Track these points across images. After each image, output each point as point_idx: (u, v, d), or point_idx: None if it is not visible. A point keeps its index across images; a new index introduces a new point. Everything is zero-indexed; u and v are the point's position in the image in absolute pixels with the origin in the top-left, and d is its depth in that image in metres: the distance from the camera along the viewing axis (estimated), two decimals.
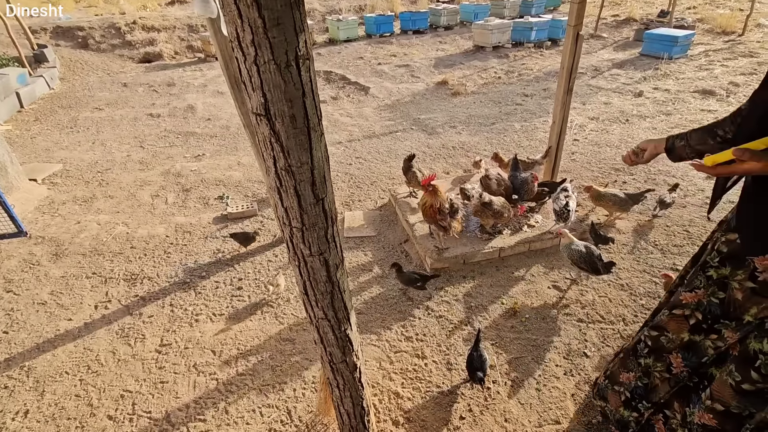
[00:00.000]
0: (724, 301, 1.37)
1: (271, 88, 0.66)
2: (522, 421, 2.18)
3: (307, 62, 0.68)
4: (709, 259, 1.41)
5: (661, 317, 1.58)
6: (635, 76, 7.43)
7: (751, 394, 1.30)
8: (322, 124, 0.78)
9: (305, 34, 0.66)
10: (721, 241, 1.37)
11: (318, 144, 0.77)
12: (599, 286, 2.98)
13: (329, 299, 0.99)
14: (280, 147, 0.72)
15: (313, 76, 0.71)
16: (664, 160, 4.52)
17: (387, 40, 11.10)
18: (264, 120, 0.70)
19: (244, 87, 0.69)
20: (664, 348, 1.59)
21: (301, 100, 0.69)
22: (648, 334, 1.63)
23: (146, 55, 10.42)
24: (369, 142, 5.68)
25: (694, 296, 1.45)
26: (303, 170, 0.76)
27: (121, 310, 3.08)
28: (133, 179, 4.97)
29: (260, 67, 0.64)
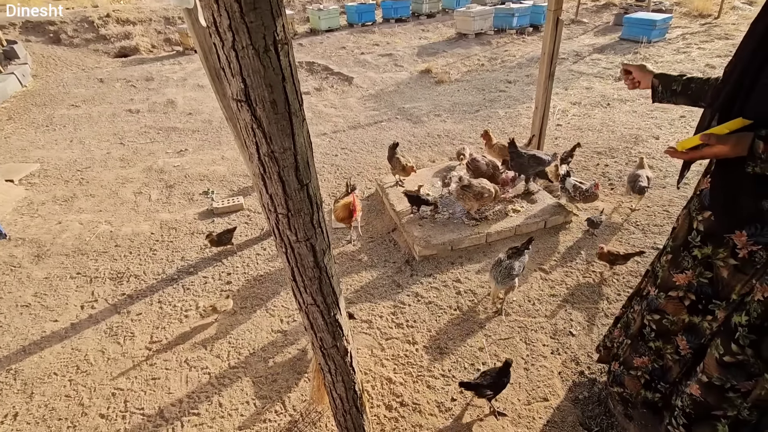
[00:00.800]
0: (713, 280, 1.40)
1: (250, 74, 0.66)
2: (512, 400, 2.24)
3: (286, 47, 0.68)
4: (691, 239, 1.43)
5: (659, 300, 1.59)
6: (615, 60, 7.52)
7: (732, 366, 1.33)
8: (303, 110, 0.78)
9: (282, 19, 0.66)
10: (698, 219, 1.40)
11: (300, 129, 0.77)
12: (583, 267, 3.05)
13: (317, 285, 1.00)
14: (262, 133, 0.73)
15: (292, 61, 0.71)
16: (645, 143, 4.62)
17: (369, 29, 11.00)
18: (245, 106, 0.70)
19: (223, 73, 0.69)
20: (669, 330, 1.60)
21: (281, 85, 0.69)
22: (651, 318, 1.65)
23: (122, 50, 10.13)
24: (354, 133, 5.66)
25: (685, 277, 1.48)
26: (286, 156, 0.77)
27: (108, 309, 3.04)
28: (115, 177, 4.87)
29: (239, 53, 0.64)
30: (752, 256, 1.27)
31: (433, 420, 2.17)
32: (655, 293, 1.62)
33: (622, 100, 5.89)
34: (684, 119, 5.11)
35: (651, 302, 1.64)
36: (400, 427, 2.16)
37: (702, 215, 1.39)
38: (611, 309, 2.70)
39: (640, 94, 6.00)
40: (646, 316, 1.69)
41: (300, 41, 10.27)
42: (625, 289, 2.84)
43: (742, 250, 1.28)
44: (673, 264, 1.52)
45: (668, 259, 1.55)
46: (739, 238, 1.28)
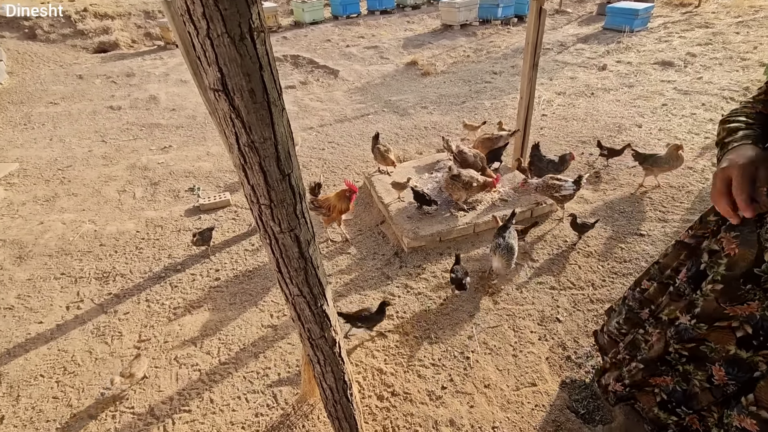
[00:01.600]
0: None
1: (226, 62, 0.65)
2: (501, 386, 2.28)
3: (262, 35, 0.67)
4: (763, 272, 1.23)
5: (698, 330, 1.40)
6: (599, 50, 7.59)
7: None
8: (282, 99, 0.78)
9: (258, 6, 0.65)
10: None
11: (280, 119, 0.77)
12: (570, 255, 3.10)
13: (303, 275, 1.00)
14: (241, 123, 0.72)
15: (269, 49, 0.71)
16: (628, 131, 4.69)
17: (354, 21, 10.90)
18: (222, 96, 0.70)
19: (199, 63, 0.68)
20: (707, 357, 1.43)
21: (258, 73, 0.69)
22: (682, 347, 1.47)
23: (101, 45, 9.88)
24: (341, 126, 5.63)
25: (746, 309, 1.29)
26: (267, 146, 0.76)
27: (94, 309, 3.00)
28: (97, 175, 4.78)
29: (214, 41, 0.63)
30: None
31: (424, 408, 2.20)
32: (690, 323, 1.41)
33: (606, 89, 5.96)
34: (666, 107, 5.20)
35: (684, 332, 1.44)
36: (391, 416, 2.18)
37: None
38: (596, 294, 2.76)
39: (623, 83, 6.08)
40: (674, 345, 1.49)
41: (284, 34, 10.14)
42: (609, 275, 2.90)
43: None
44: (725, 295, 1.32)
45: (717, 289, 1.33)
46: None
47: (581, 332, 2.53)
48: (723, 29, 7.58)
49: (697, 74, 6.04)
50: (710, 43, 7.11)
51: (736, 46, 6.80)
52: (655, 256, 2.99)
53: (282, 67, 8.10)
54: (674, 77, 6.07)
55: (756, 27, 7.44)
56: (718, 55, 6.56)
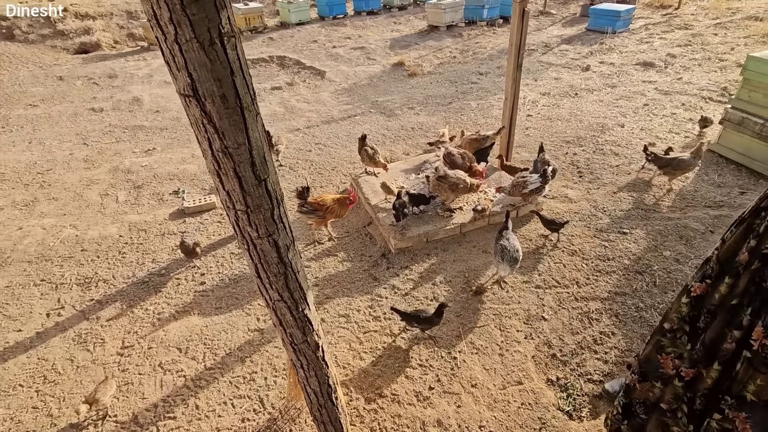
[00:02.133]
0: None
1: (196, 68, 0.64)
2: (487, 385, 2.29)
3: (233, 40, 0.67)
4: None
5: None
6: (583, 50, 7.69)
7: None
8: (257, 104, 0.77)
9: (228, 11, 0.65)
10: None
11: (254, 124, 0.76)
12: (554, 254, 3.14)
13: (283, 280, 1.00)
14: (213, 128, 0.71)
15: (241, 54, 0.70)
16: (611, 131, 4.76)
17: (341, 22, 10.87)
18: (193, 101, 0.69)
19: (168, 68, 0.67)
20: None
21: (230, 78, 0.68)
22: None
23: (82, 46, 9.69)
24: (328, 128, 5.61)
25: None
26: (241, 151, 0.75)
27: (76, 315, 2.94)
28: (79, 179, 4.68)
29: (182, 46, 0.62)
30: None
31: (412, 409, 2.20)
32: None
33: (589, 90, 6.05)
34: (647, 107, 5.29)
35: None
36: (379, 418, 2.18)
37: None
38: (581, 292, 2.79)
39: (606, 84, 6.17)
40: None
41: (270, 35, 10.07)
42: (593, 273, 2.94)
43: None
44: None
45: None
46: None
47: (566, 330, 2.56)
48: (702, 31, 7.76)
49: (677, 75, 6.17)
50: (689, 44, 7.26)
51: (714, 47, 6.96)
52: (638, 253, 3.04)
53: (268, 68, 8.05)
54: (655, 78, 6.18)
55: (733, 28, 7.63)
56: (697, 56, 6.71)
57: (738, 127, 3.86)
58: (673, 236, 3.18)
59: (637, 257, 3.02)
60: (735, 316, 1.25)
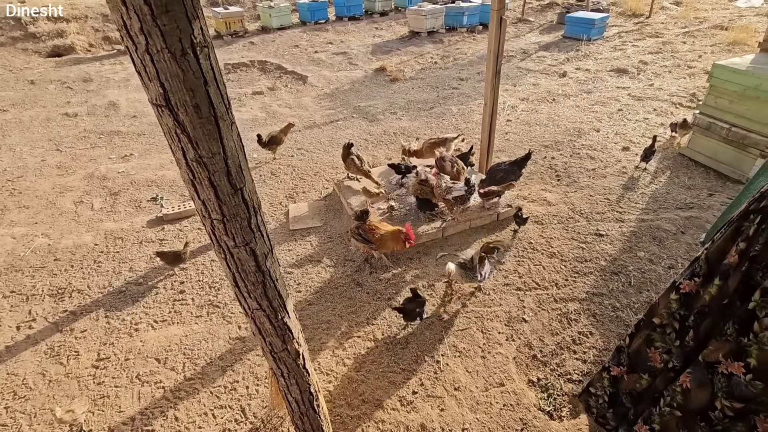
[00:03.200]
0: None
1: (168, 78, 0.64)
2: (470, 388, 2.31)
3: (206, 50, 0.67)
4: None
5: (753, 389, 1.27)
6: (559, 57, 7.89)
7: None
8: (232, 113, 0.77)
9: (200, 21, 0.65)
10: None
11: (228, 133, 0.76)
12: (534, 256, 3.19)
13: (261, 289, 0.99)
14: (187, 138, 0.71)
15: (215, 64, 0.70)
16: (587, 135, 4.89)
17: (322, 27, 10.88)
18: (166, 111, 0.68)
19: (140, 78, 0.66)
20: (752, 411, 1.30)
21: (203, 89, 0.68)
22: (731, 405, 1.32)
23: (55, 49, 9.42)
24: (310, 133, 5.59)
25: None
26: (215, 161, 0.75)
27: (48, 328, 2.84)
28: (51, 186, 4.54)
29: (153, 56, 0.62)
30: None
31: (395, 414, 2.20)
32: (746, 379, 1.27)
33: (566, 95, 6.20)
34: (621, 112, 5.46)
35: (736, 387, 1.29)
36: (362, 424, 2.17)
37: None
38: (560, 294, 2.85)
39: (582, 90, 6.34)
40: (722, 400, 1.33)
41: (251, 39, 10.00)
42: (571, 274, 3.00)
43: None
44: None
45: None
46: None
47: (546, 331, 2.61)
48: (672, 39, 8.06)
49: (649, 81, 6.39)
50: (660, 51, 7.53)
51: (683, 54, 7.24)
52: (614, 254, 3.13)
53: (249, 72, 7.98)
54: (628, 84, 6.39)
55: (701, 37, 7.95)
56: (667, 63, 6.96)
57: (706, 131, 4.02)
58: (647, 237, 3.28)
59: (613, 258, 3.10)
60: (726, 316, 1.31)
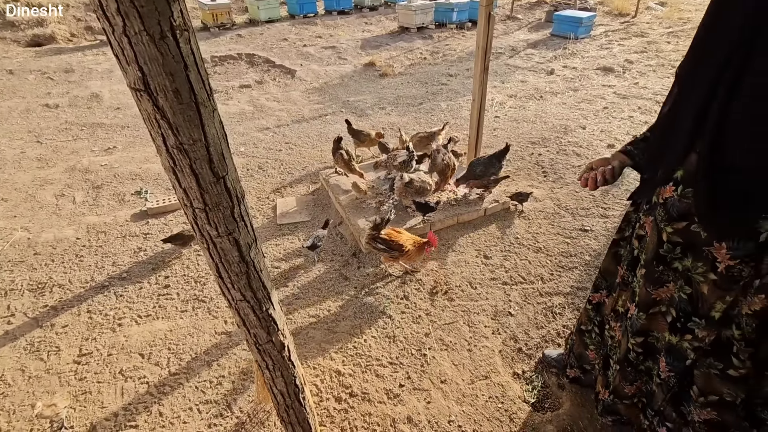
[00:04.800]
0: (692, 296, 1.29)
1: (147, 62, 0.63)
2: (456, 380, 2.34)
3: (186, 33, 0.65)
4: (666, 252, 1.30)
5: (640, 321, 1.45)
6: (547, 55, 7.96)
7: (738, 381, 1.27)
8: (214, 99, 0.76)
9: (179, 4, 0.63)
10: (667, 231, 1.28)
11: (210, 120, 0.75)
12: (520, 251, 3.23)
13: (245, 280, 0.98)
14: (167, 124, 0.70)
15: (195, 49, 0.69)
16: (574, 132, 4.95)
17: (311, 20, 10.78)
18: (145, 95, 0.67)
19: (118, 61, 0.65)
20: (656, 348, 1.48)
21: (183, 73, 0.67)
22: (635, 342, 1.51)
23: (35, 38, 9.16)
24: (298, 127, 5.55)
25: (666, 291, 1.35)
26: (197, 148, 0.74)
27: (27, 323, 2.78)
28: (31, 179, 4.43)
29: (131, 39, 0.60)
30: (730, 270, 1.17)
31: (382, 407, 2.21)
32: (635, 313, 1.47)
33: (553, 92, 6.27)
34: (607, 110, 5.54)
35: (633, 323, 1.49)
36: (349, 417, 2.18)
37: (672, 226, 1.26)
38: (545, 288, 2.89)
39: (569, 87, 6.41)
40: (630, 340, 1.52)
41: (239, 32, 9.86)
42: (556, 269, 3.05)
43: (721, 264, 1.18)
44: (648, 280, 1.39)
45: (643, 274, 1.40)
46: (718, 251, 1.17)
47: (531, 324, 2.64)
48: (656, 38, 8.19)
49: (634, 80, 6.49)
50: (645, 51, 7.65)
51: (667, 54, 7.37)
52: (598, 249, 3.18)
53: (237, 65, 7.88)
54: (614, 82, 6.48)
55: (684, 37, 8.10)
56: (652, 63, 7.08)
57: None
58: None
59: (597, 253, 3.16)
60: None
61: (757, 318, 1.16)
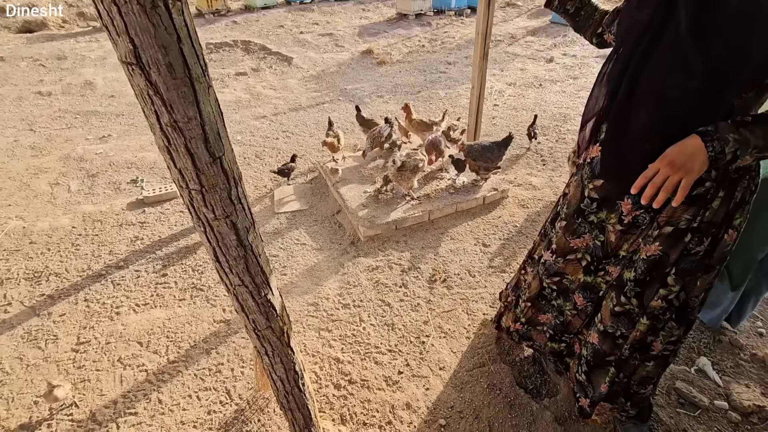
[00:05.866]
0: (603, 243, 1.51)
1: (138, 33, 0.60)
2: (455, 367, 2.34)
3: (178, 4, 0.62)
4: (585, 207, 1.50)
5: (557, 265, 1.70)
6: (547, 42, 7.88)
7: (621, 315, 1.51)
8: (209, 76, 0.73)
9: None
10: (589, 188, 1.47)
11: (205, 97, 0.72)
12: (519, 239, 3.22)
13: (243, 264, 0.96)
14: (160, 100, 0.67)
15: (189, 21, 0.66)
16: (573, 121, 4.91)
17: (308, 7, 10.61)
18: (137, 69, 0.64)
19: (107, 32, 0.62)
20: (569, 289, 1.74)
21: (176, 46, 0.64)
22: (550, 281, 1.77)
23: (26, 24, 8.98)
24: (295, 115, 5.49)
25: (582, 241, 1.57)
26: (192, 126, 0.71)
27: (24, 312, 2.76)
28: (25, 167, 4.37)
29: (121, 8, 0.58)
30: (636, 219, 1.38)
31: (381, 394, 2.22)
32: (552, 259, 1.71)
33: (553, 80, 6.21)
34: None
35: (549, 267, 1.74)
36: (348, 404, 2.19)
37: (593, 183, 1.45)
38: None
39: (568, 75, 6.36)
40: (545, 280, 1.80)
41: (234, 18, 9.70)
42: None
43: (627, 216, 1.39)
44: (568, 231, 1.60)
45: (563, 225, 1.62)
46: (625, 206, 1.38)
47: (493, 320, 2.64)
48: None
49: None
50: None
51: None
52: None
53: (232, 52, 7.76)
54: None
55: None
56: None
57: None
58: None
59: None
60: None
61: (647, 263, 1.38)
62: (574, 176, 1.59)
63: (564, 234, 1.62)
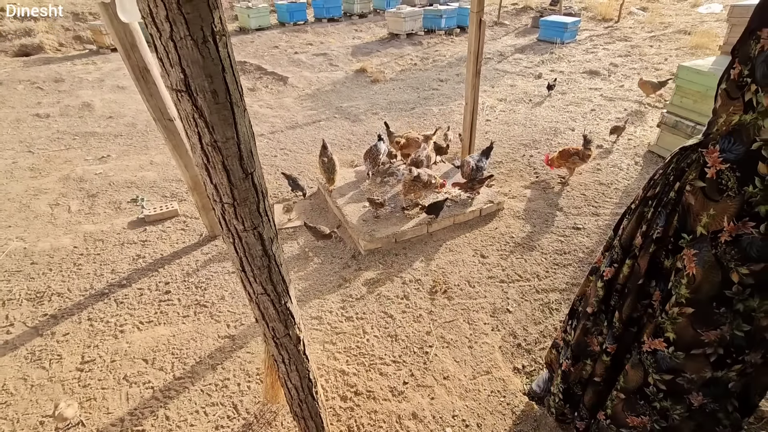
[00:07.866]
0: (750, 332, 1.22)
1: (189, 64, 0.68)
2: (458, 376, 2.39)
3: (224, 38, 0.71)
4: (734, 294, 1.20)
5: (676, 360, 1.34)
6: (535, 59, 8.14)
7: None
8: (244, 100, 0.81)
9: (219, 11, 0.69)
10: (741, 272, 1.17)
11: (242, 119, 0.80)
12: (516, 249, 3.31)
13: (267, 273, 1.03)
14: (204, 123, 0.74)
15: (231, 53, 0.74)
16: (563, 134, 5.06)
17: (301, 28, 10.87)
18: (185, 96, 0.72)
19: (161, 63, 0.70)
20: (684, 389, 1.37)
21: (221, 75, 0.72)
22: (660, 378, 1.40)
23: (23, 48, 9.08)
24: (292, 133, 5.59)
25: (718, 333, 1.26)
26: (229, 145, 0.79)
27: (27, 332, 2.76)
28: (24, 188, 4.39)
29: (177, 43, 0.65)
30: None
31: (387, 404, 2.25)
32: (669, 352, 1.35)
33: (542, 96, 6.41)
34: (594, 112, 5.69)
35: (662, 360, 1.37)
36: (355, 415, 2.21)
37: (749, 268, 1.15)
38: (541, 285, 2.97)
39: (557, 91, 6.57)
40: (653, 375, 1.41)
41: None
42: (551, 266, 3.13)
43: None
44: (698, 320, 1.28)
45: (690, 313, 1.28)
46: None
47: (529, 320, 2.71)
48: (639, 42, 8.44)
49: (619, 83, 6.68)
50: (629, 54, 7.88)
51: (650, 57, 7.60)
52: (591, 247, 3.27)
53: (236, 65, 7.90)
54: (600, 85, 6.66)
55: (666, 41, 8.36)
56: (636, 66, 7.29)
57: (673, 129, 4.25)
58: None
59: (590, 250, 3.25)
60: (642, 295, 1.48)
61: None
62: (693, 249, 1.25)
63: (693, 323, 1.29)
